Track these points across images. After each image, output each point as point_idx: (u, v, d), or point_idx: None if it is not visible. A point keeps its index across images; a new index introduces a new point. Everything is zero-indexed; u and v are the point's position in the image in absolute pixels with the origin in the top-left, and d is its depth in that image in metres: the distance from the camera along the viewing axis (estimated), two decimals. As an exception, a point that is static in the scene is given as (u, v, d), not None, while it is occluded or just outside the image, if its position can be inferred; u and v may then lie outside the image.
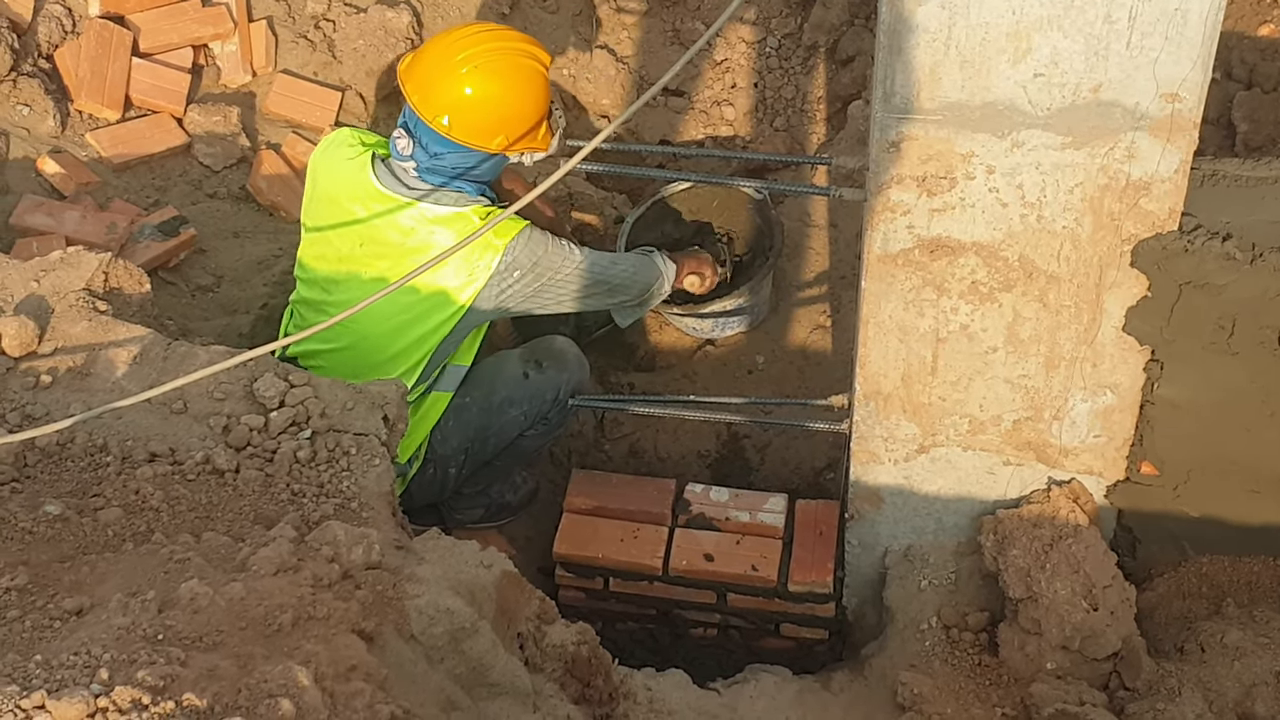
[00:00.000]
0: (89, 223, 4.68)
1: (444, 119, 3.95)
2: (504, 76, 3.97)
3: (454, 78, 3.94)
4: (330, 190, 4.15)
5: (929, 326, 3.64)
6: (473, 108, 3.95)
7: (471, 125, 3.97)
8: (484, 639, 2.95)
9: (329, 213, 4.15)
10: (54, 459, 3.12)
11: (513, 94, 3.98)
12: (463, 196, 4.05)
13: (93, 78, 5.03)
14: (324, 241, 4.15)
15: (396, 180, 4.06)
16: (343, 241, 4.10)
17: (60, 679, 2.28)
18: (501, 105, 3.98)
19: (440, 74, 3.96)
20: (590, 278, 4.23)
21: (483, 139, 3.99)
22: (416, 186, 4.05)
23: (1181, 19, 2.99)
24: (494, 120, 3.98)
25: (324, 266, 4.15)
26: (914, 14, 3.06)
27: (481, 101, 3.95)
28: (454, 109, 3.95)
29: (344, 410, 3.33)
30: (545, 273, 4.12)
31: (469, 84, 3.94)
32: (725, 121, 5.83)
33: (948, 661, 3.94)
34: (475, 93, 3.94)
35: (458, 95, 3.94)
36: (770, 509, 4.39)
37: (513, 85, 3.98)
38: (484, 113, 3.96)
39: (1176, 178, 3.27)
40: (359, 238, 4.08)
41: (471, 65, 3.94)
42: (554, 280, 4.16)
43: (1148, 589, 3.98)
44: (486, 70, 3.95)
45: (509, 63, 3.98)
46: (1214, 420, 3.70)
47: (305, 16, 5.49)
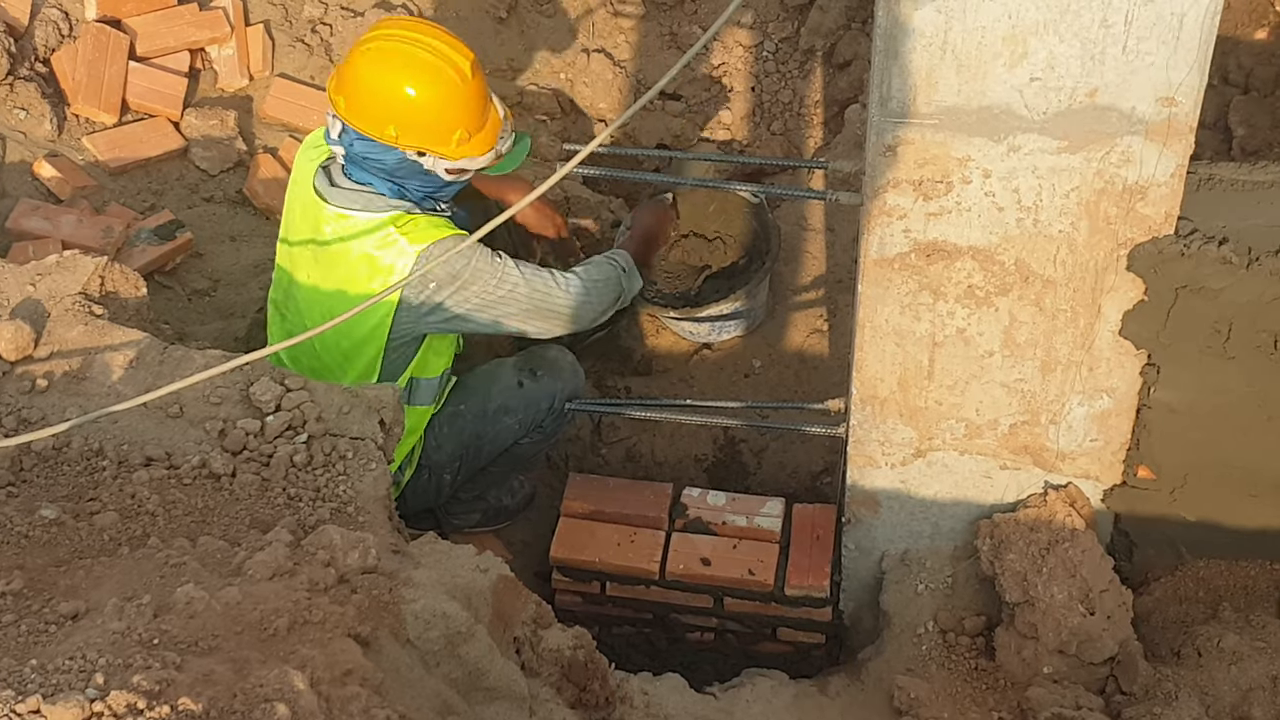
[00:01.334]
0: (85, 226, 4.68)
1: (342, 100, 3.91)
2: (398, 64, 3.86)
3: (355, 57, 3.89)
4: (291, 190, 4.18)
5: (925, 330, 3.64)
6: (363, 90, 3.87)
7: (361, 109, 3.87)
8: (480, 643, 2.95)
9: (289, 216, 4.17)
10: (50, 463, 3.12)
11: (402, 83, 3.85)
12: (376, 200, 3.97)
13: (89, 81, 5.04)
14: (286, 247, 4.16)
15: (328, 182, 4.03)
16: (297, 247, 4.11)
17: (55, 683, 2.28)
18: (389, 93, 3.86)
19: (350, 53, 3.94)
20: (531, 304, 4.08)
21: (372, 126, 3.88)
22: (342, 186, 4.01)
23: (1177, 23, 2.99)
24: (381, 107, 3.86)
25: (284, 265, 4.17)
26: (910, 18, 3.06)
27: (371, 85, 3.86)
28: (349, 90, 3.89)
29: (340, 414, 3.32)
30: (471, 290, 3.98)
31: (364, 64, 3.88)
32: (722, 125, 5.83)
33: (944, 666, 3.94)
34: (366, 76, 3.87)
35: (353, 75, 3.89)
36: (767, 513, 4.38)
37: (404, 74, 3.85)
38: (371, 97, 3.86)
39: (1173, 182, 3.27)
40: (302, 239, 4.09)
41: (369, 48, 3.88)
42: (485, 300, 4.01)
43: (1144, 593, 3.98)
44: (382, 55, 3.87)
45: (408, 52, 3.86)
46: (1211, 424, 3.70)
47: (302, 20, 5.49)
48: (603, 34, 5.85)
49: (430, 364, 4.15)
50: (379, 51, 3.87)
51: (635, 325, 5.21)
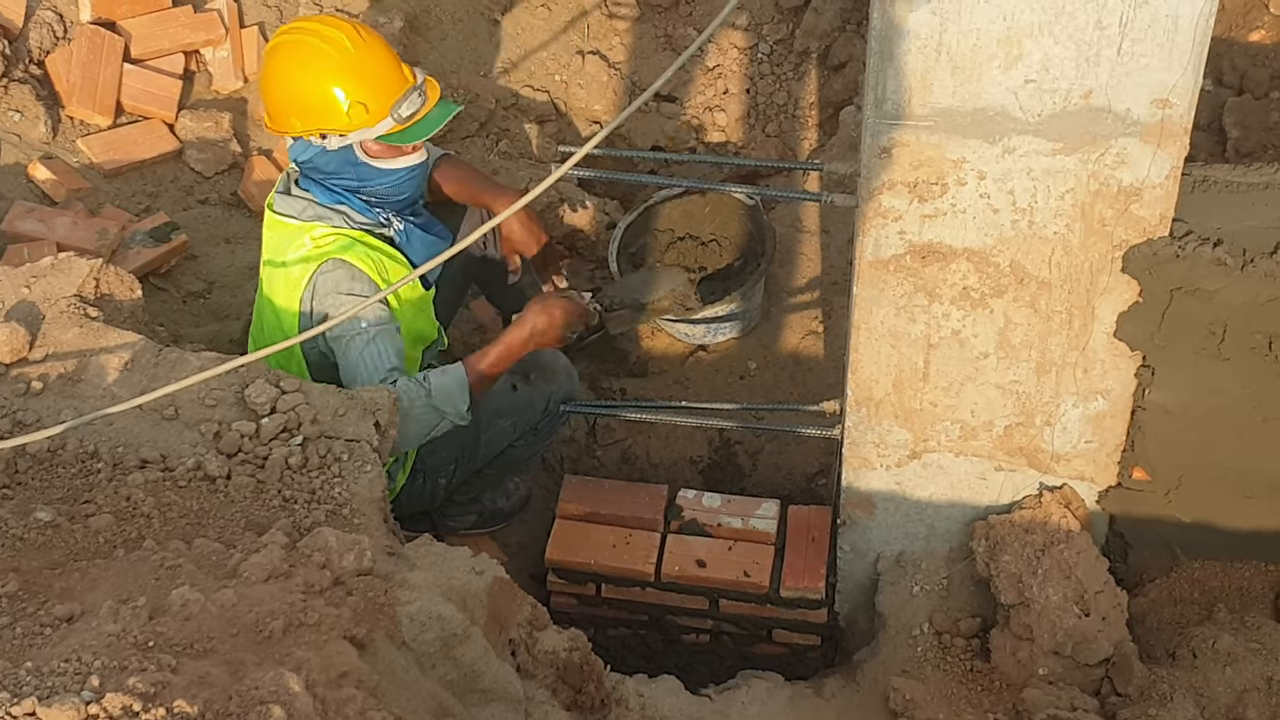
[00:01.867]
0: (80, 229, 4.68)
1: (262, 109, 4.01)
2: (280, 58, 3.93)
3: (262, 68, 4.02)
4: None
5: (920, 332, 3.64)
6: (265, 92, 3.98)
7: (271, 112, 3.97)
8: (476, 645, 2.95)
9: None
10: (45, 465, 3.12)
11: (284, 72, 3.92)
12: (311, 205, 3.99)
13: (84, 84, 5.03)
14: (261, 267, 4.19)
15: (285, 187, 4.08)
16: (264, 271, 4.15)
17: (51, 685, 2.28)
18: (277, 85, 3.93)
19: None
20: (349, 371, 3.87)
21: (280, 124, 3.96)
22: (290, 192, 4.05)
23: (1172, 25, 3.00)
24: (279, 102, 3.94)
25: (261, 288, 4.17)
26: (905, 20, 3.06)
27: (267, 85, 3.97)
28: (264, 100, 4.00)
29: (335, 416, 3.32)
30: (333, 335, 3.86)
31: (262, 71, 4.00)
32: (717, 127, 5.83)
33: (940, 667, 3.94)
34: (263, 78, 3.98)
35: (261, 84, 4.01)
36: (762, 515, 4.38)
37: (286, 65, 3.92)
38: (270, 95, 3.96)
39: (1167, 183, 3.28)
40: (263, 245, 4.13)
41: (265, 52, 4.01)
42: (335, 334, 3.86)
43: (1139, 594, 3.98)
44: (269, 55, 3.97)
45: (288, 44, 3.93)
46: (1206, 426, 3.71)
47: (297, 23, 5.49)
48: (597, 36, 5.85)
49: None
50: (268, 53, 3.97)
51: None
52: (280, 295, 3.97)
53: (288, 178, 4.09)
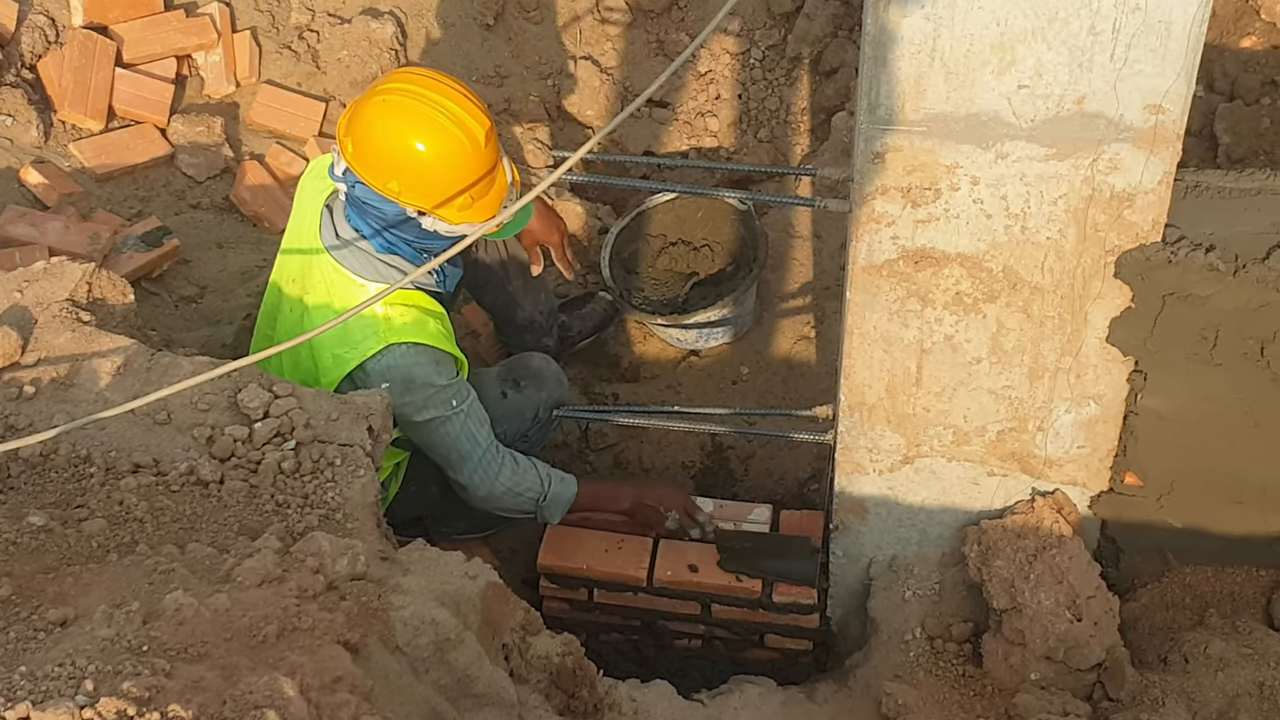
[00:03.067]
0: (72, 233, 4.67)
1: (350, 144, 3.79)
2: (409, 122, 3.72)
3: (368, 105, 3.75)
4: (295, 215, 4.14)
5: (913, 337, 3.64)
6: (372, 140, 3.74)
7: (368, 158, 3.76)
8: (469, 650, 2.95)
9: (289, 235, 4.13)
10: (37, 470, 3.11)
11: (411, 142, 3.72)
12: (371, 258, 3.90)
13: (76, 88, 5.03)
14: (281, 260, 4.14)
15: (330, 222, 3.96)
16: (290, 267, 4.08)
17: (45, 690, 2.27)
18: (397, 148, 3.73)
19: (364, 99, 3.81)
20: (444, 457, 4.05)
21: (376, 177, 3.77)
22: (344, 235, 3.93)
23: (1165, 31, 3.00)
24: (386, 160, 3.74)
25: (279, 283, 4.13)
26: (899, 25, 3.07)
27: (379, 137, 3.73)
28: (358, 137, 3.76)
29: (328, 421, 3.32)
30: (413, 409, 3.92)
31: (375, 115, 3.74)
32: (709, 133, 5.84)
33: (932, 672, 3.94)
34: (377, 126, 3.73)
35: (363, 123, 3.74)
36: (755, 520, 4.39)
37: (413, 133, 3.71)
38: (378, 149, 3.73)
39: (1160, 189, 3.28)
40: (297, 268, 4.05)
41: (384, 99, 3.74)
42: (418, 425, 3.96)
43: (1131, 599, 3.99)
44: (394, 109, 3.72)
45: (422, 111, 3.72)
46: (1197, 431, 3.71)
47: (289, 27, 5.49)
48: (590, 41, 5.85)
49: None
50: (394, 105, 3.73)
51: (623, 332, 5.22)
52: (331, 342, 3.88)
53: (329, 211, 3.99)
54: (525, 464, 4.16)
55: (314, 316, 3.95)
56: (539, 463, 4.23)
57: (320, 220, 3.98)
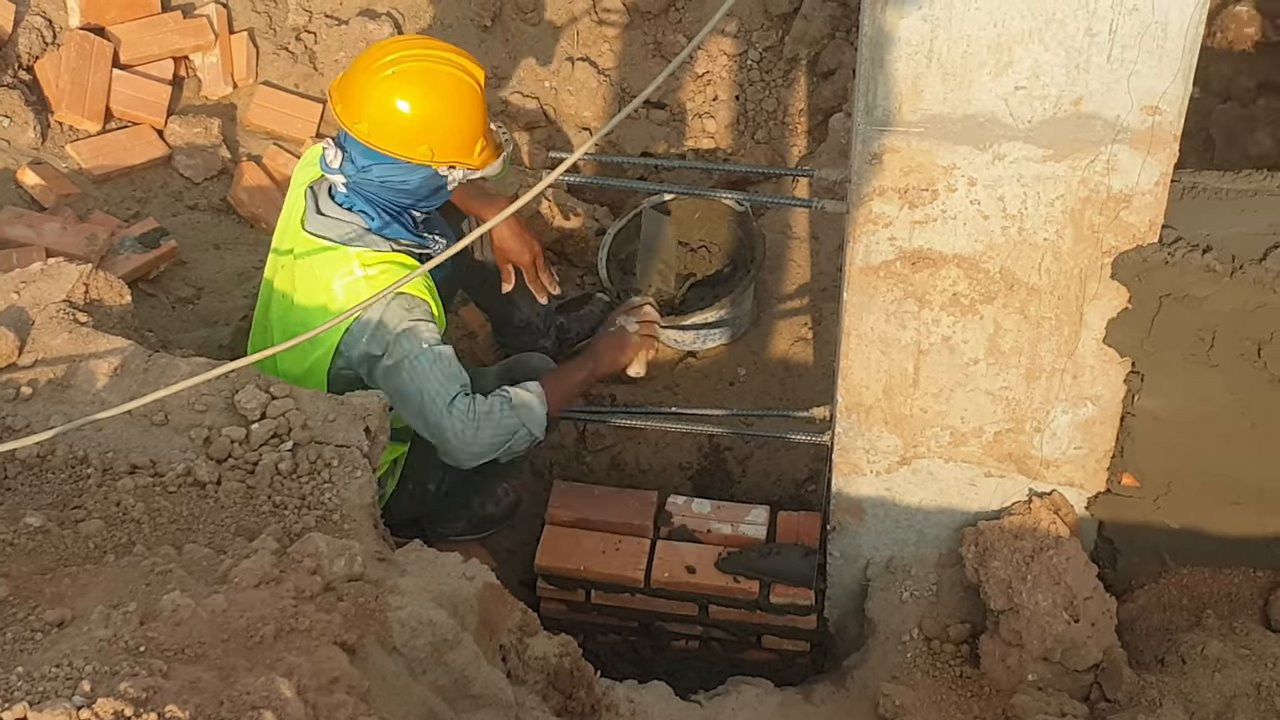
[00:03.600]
0: (69, 234, 4.67)
1: (364, 126, 3.84)
2: (426, 83, 3.86)
3: (376, 84, 3.83)
4: (284, 206, 4.15)
5: (910, 338, 3.64)
6: (394, 114, 3.84)
7: (392, 132, 3.85)
8: (466, 651, 2.95)
9: (279, 227, 4.15)
10: (34, 471, 3.11)
11: (434, 101, 3.85)
12: (353, 227, 3.93)
13: (73, 89, 5.03)
14: (274, 257, 4.15)
15: (315, 205, 3.99)
16: (277, 259, 4.11)
17: (42, 691, 2.27)
18: (423, 112, 3.85)
19: (364, 81, 3.86)
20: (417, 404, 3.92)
21: (405, 148, 3.86)
22: (325, 211, 3.96)
23: (1162, 32, 3.01)
24: (415, 128, 3.85)
25: (269, 277, 4.15)
26: (896, 26, 3.07)
27: (401, 109, 3.84)
28: (375, 116, 3.84)
29: (325, 422, 3.32)
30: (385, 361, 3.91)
31: (390, 89, 3.83)
32: (707, 134, 5.83)
33: (929, 673, 3.94)
34: (396, 98, 3.83)
35: (379, 101, 3.83)
36: (752, 521, 4.38)
37: (435, 92, 3.85)
38: (405, 119, 3.84)
39: (1157, 190, 3.29)
40: (283, 258, 4.07)
41: (391, 72, 3.84)
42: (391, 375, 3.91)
43: (1128, 600, 3.99)
44: (408, 77, 3.84)
45: (433, 70, 3.86)
46: (1194, 432, 3.71)
47: (286, 28, 5.49)
48: (587, 43, 5.85)
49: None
50: (405, 75, 3.84)
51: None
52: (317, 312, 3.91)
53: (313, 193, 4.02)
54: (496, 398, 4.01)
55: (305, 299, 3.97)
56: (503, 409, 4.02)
57: (299, 207, 4.02)
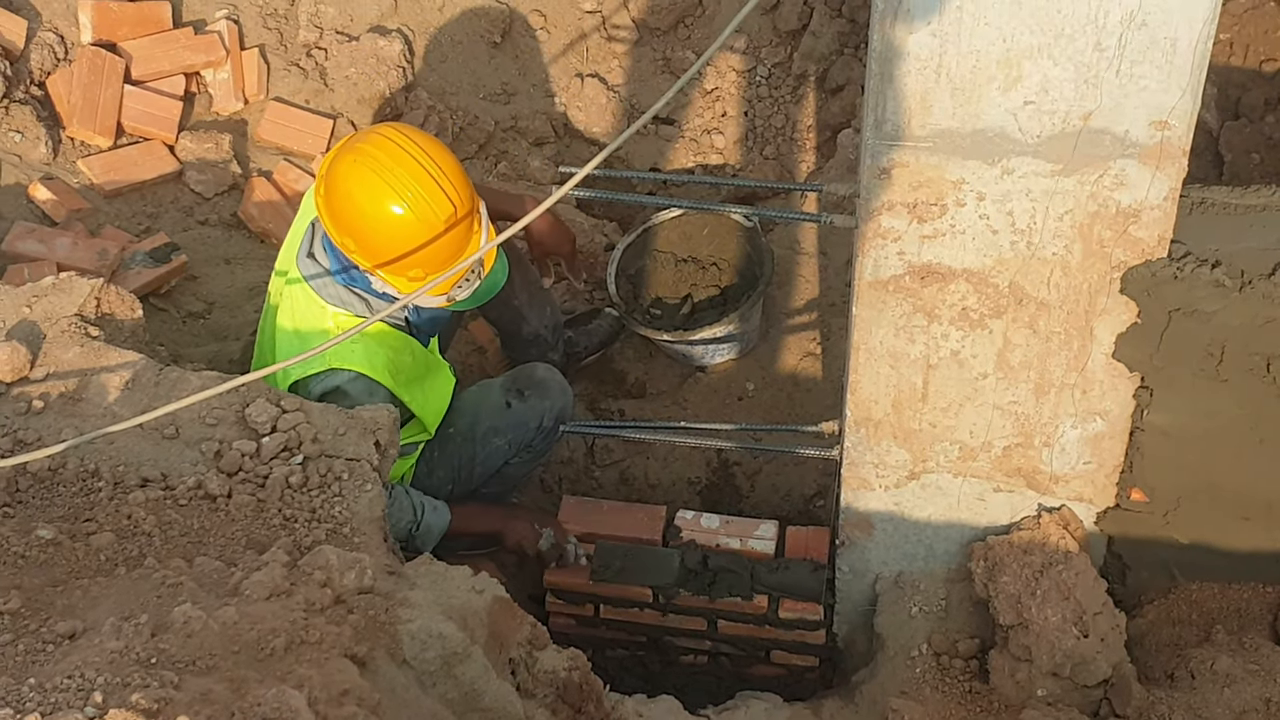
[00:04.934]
0: (80, 249, 4.68)
1: (322, 189, 3.78)
2: (368, 184, 3.70)
3: (344, 157, 3.74)
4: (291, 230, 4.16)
5: (919, 353, 3.65)
6: (335, 195, 3.75)
7: (332, 210, 3.76)
8: (476, 664, 2.95)
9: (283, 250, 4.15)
10: (46, 484, 3.12)
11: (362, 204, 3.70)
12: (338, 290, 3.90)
13: (85, 105, 5.04)
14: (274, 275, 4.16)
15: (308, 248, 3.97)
16: (278, 280, 4.11)
17: (54, 702, 2.28)
18: (352, 207, 3.72)
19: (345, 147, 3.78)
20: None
21: (334, 230, 3.78)
22: (319, 260, 3.93)
23: (1171, 47, 3.01)
24: (346, 217, 3.74)
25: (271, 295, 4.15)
26: (905, 42, 3.08)
27: (341, 193, 3.73)
28: (328, 187, 3.77)
29: (336, 436, 3.33)
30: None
31: (342, 171, 3.73)
32: (715, 149, 5.85)
33: (938, 688, 3.94)
34: (341, 182, 3.73)
35: (335, 175, 3.74)
36: (761, 535, 4.38)
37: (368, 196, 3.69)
38: (341, 203, 3.74)
39: (1166, 205, 3.29)
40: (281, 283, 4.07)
41: (355, 156, 3.72)
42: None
43: (1138, 616, 3.99)
44: (359, 167, 3.71)
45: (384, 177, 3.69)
46: (1204, 447, 3.71)
47: (297, 45, 5.51)
48: (596, 59, 5.87)
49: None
50: (365, 160, 3.71)
51: (629, 348, 5.22)
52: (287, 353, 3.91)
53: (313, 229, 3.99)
54: (398, 492, 4.01)
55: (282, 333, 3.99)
56: (413, 491, 4.11)
57: (302, 238, 4.00)
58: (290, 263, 4.03)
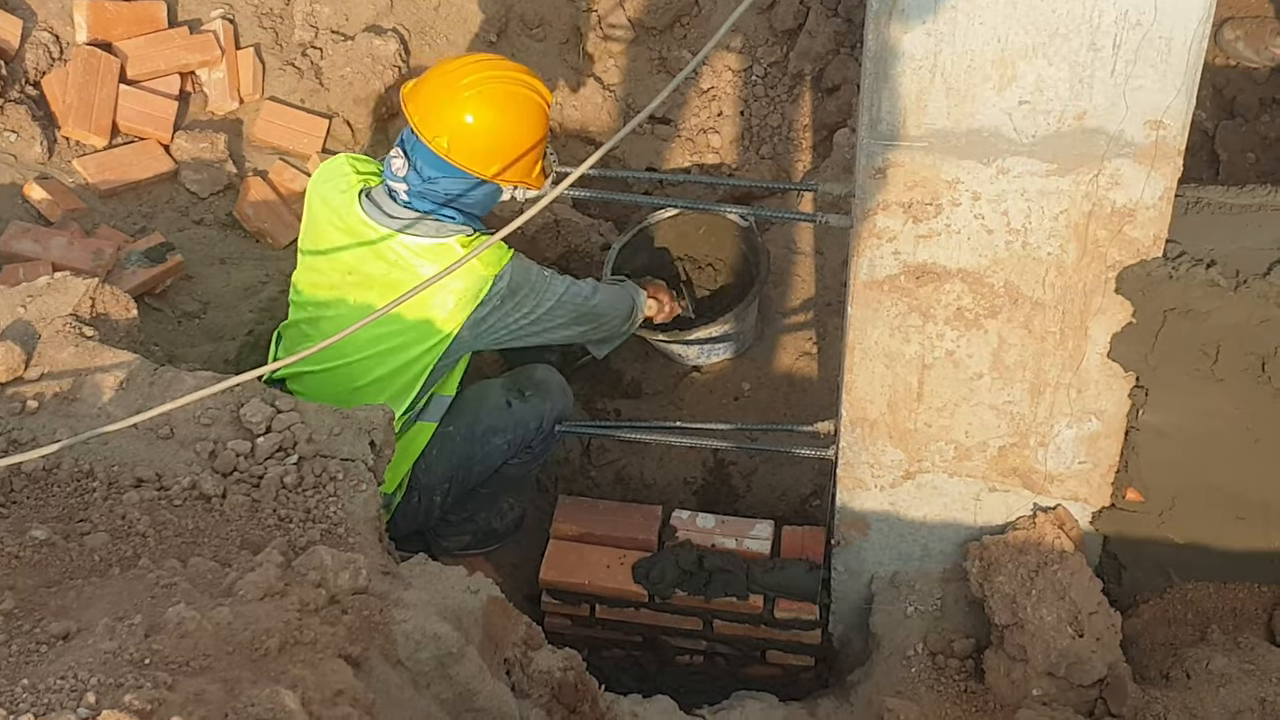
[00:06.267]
0: (75, 249, 4.67)
1: (444, 140, 3.97)
2: (506, 104, 4.01)
3: (457, 101, 3.98)
4: (322, 218, 4.15)
5: (915, 353, 3.65)
6: (474, 132, 3.98)
7: (470, 149, 3.99)
8: (471, 664, 2.94)
9: (321, 240, 4.15)
10: (40, 484, 3.11)
11: (512, 122, 4.02)
12: (444, 226, 4.03)
13: (80, 104, 5.04)
14: (315, 269, 4.16)
15: (380, 210, 4.04)
16: (332, 269, 4.10)
17: (47, 703, 2.27)
18: (501, 132, 4.01)
19: (444, 97, 4.00)
20: (573, 309, 4.24)
21: (480, 164, 4.01)
22: (399, 215, 4.03)
23: (1165, 47, 3.01)
24: (492, 147, 4.01)
25: (315, 293, 4.16)
26: (900, 42, 3.08)
27: (483, 126, 3.99)
28: (454, 131, 3.97)
29: (331, 435, 3.32)
30: (529, 302, 4.11)
31: (471, 108, 3.98)
32: (711, 149, 5.84)
33: (934, 688, 3.94)
34: (477, 117, 3.98)
35: (459, 118, 3.97)
36: (756, 535, 4.39)
37: (513, 114, 4.02)
38: (484, 138, 3.99)
39: (1161, 204, 3.29)
40: (346, 267, 4.07)
41: (475, 90, 3.98)
42: (538, 311, 4.15)
43: (1133, 615, 3.99)
44: (489, 96, 4.00)
45: (512, 91, 4.02)
46: (1199, 446, 3.71)
47: (293, 44, 5.50)
48: (592, 58, 5.86)
49: (451, 380, 4.21)
50: (488, 96, 4.00)
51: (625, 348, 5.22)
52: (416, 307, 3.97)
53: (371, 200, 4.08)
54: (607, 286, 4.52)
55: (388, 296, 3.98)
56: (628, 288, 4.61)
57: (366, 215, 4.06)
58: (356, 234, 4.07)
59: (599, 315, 4.37)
